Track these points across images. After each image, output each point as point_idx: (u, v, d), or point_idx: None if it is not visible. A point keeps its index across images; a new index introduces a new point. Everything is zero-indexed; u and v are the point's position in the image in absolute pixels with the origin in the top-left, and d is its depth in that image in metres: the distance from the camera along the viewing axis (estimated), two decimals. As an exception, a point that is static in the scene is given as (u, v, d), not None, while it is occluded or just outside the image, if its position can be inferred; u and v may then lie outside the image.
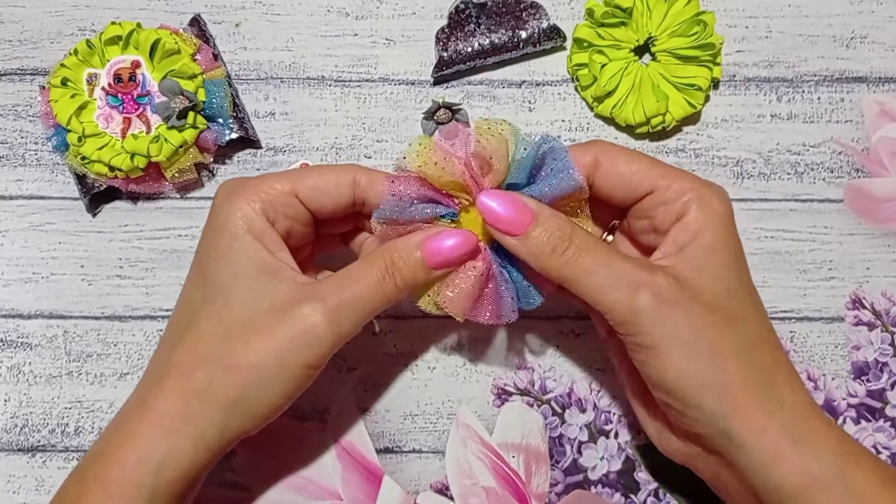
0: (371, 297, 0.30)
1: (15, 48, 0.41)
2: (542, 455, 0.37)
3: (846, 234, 0.39)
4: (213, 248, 0.30)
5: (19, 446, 0.37)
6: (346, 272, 0.31)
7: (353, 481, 0.36)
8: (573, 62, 0.40)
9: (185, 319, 0.31)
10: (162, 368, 0.30)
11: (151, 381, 0.30)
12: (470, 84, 0.41)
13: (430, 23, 0.41)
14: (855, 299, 0.39)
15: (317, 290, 0.30)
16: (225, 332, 0.29)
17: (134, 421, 0.30)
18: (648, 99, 0.38)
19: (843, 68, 0.41)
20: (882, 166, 0.40)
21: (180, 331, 0.30)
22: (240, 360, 0.29)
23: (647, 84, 0.39)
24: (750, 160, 0.40)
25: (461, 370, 0.38)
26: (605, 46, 0.39)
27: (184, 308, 0.31)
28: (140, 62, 0.38)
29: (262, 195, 0.31)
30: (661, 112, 0.38)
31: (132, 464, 0.29)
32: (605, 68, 0.39)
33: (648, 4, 0.39)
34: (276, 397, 0.30)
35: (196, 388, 0.29)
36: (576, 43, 0.40)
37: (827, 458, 0.28)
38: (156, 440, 0.29)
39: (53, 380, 0.38)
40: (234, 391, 0.29)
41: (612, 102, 0.39)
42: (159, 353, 0.31)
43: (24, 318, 0.38)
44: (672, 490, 0.37)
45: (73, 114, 0.37)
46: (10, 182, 0.40)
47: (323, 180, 0.32)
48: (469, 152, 0.30)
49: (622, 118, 0.39)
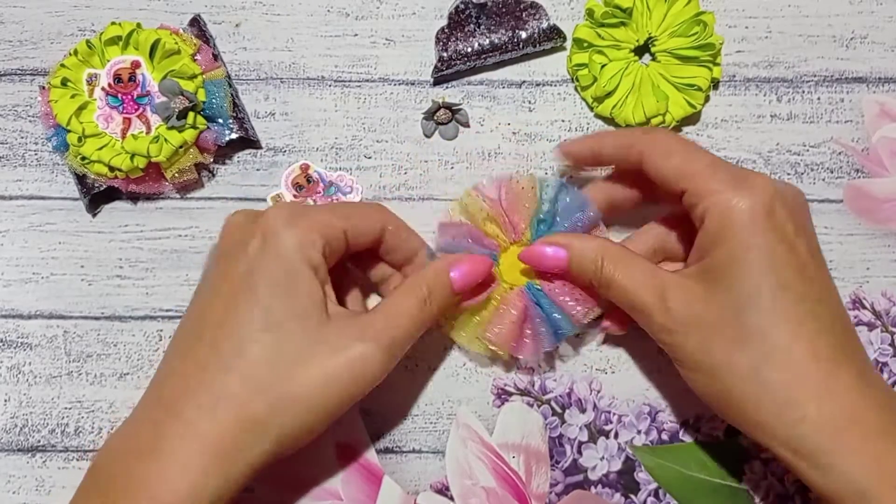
0: (416, 328, 0.32)
1: (15, 48, 0.41)
2: (543, 455, 0.37)
3: (846, 234, 0.39)
4: (271, 276, 0.30)
5: (19, 446, 0.37)
6: (391, 306, 0.32)
7: (354, 481, 0.36)
8: (573, 62, 0.40)
9: (233, 341, 0.30)
10: (209, 393, 0.29)
11: (194, 404, 0.29)
12: (470, 84, 0.41)
13: (430, 23, 0.41)
14: (855, 299, 0.39)
15: (367, 328, 0.31)
16: (283, 363, 0.30)
17: (176, 441, 0.29)
18: (648, 99, 0.38)
19: (843, 68, 0.41)
20: (882, 166, 0.40)
21: (226, 353, 0.30)
22: (299, 392, 0.29)
23: (647, 84, 0.39)
24: (750, 160, 0.40)
25: (461, 370, 0.38)
26: (605, 47, 0.39)
27: (230, 327, 0.30)
28: (140, 62, 0.38)
29: (323, 230, 0.31)
30: (661, 112, 0.38)
31: (184, 492, 0.28)
32: (605, 68, 0.39)
33: (648, 4, 0.39)
34: (321, 427, 0.31)
35: (255, 419, 0.29)
36: (576, 43, 0.40)
37: None
38: (209, 469, 0.28)
39: (53, 380, 0.38)
40: (291, 422, 0.29)
41: (612, 102, 0.39)
42: (186, 366, 0.30)
43: (24, 319, 0.38)
44: (672, 490, 0.37)
45: (73, 114, 0.37)
46: (10, 182, 0.40)
47: (364, 222, 0.33)
48: (504, 201, 0.36)
49: (622, 118, 0.39)
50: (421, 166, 0.40)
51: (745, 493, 0.36)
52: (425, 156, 0.40)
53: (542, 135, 0.40)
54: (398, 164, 0.40)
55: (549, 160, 0.40)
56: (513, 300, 0.35)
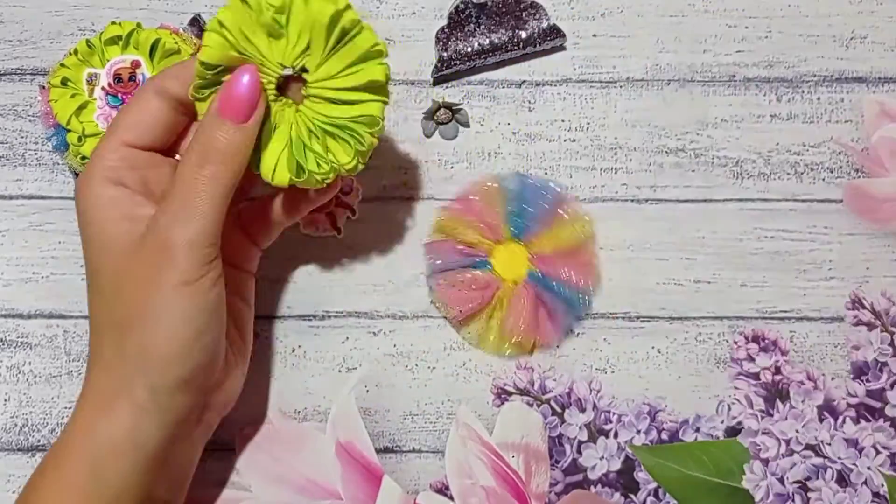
0: (199, 192, 0.29)
1: (15, 48, 0.41)
2: (542, 455, 0.37)
3: (846, 234, 0.39)
4: (83, 236, 0.30)
5: (19, 446, 0.37)
6: (171, 183, 0.29)
7: (353, 481, 0.36)
8: None
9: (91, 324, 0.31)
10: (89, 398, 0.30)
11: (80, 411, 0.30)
12: (470, 84, 0.41)
13: (430, 23, 0.41)
14: (855, 299, 0.39)
15: (156, 214, 0.29)
16: (106, 298, 0.29)
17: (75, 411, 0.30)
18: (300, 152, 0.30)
19: (843, 68, 0.41)
20: (882, 166, 0.40)
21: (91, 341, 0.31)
22: (125, 314, 0.29)
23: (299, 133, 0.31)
24: (750, 160, 0.40)
25: (461, 370, 0.38)
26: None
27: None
28: (140, 62, 0.38)
29: (97, 165, 0.30)
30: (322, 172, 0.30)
31: (80, 441, 0.29)
32: None
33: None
34: (172, 328, 0.29)
35: (106, 361, 0.29)
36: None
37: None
38: (93, 417, 0.29)
39: (53, 379, 0.38)
40: (136, 344, 0.29)
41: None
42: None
43: (23, 318, 0.38)
44: (672, 490, 0.37)
45: (73, 114, 0.37)
46: (9, 182, 0.40)
47: (132, 112, 0.31)
48: (474, 208, 0.37)
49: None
50: (421, 166, 0.40)
51: (744, 492, 0.36)
52: (425, 156, 0.40)
53: (542, 135, 0.40)
54: (398, 164, 0.40)
55: (549, 160, 0.40)
56: (521, 292, 0.37)
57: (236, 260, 0.34)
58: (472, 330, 0.37)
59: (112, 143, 0.30)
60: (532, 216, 0.38)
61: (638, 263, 0.39)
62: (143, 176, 0.31)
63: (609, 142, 0.40)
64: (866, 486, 0.36)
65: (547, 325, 0.37)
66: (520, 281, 0.37)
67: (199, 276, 0.29)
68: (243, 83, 0.29)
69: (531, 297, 0.37)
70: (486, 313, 0.37)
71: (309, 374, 0.38)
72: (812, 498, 0.36)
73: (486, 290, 0.37)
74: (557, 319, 0.37)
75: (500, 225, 0.38)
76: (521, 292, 0.37)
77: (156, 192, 0.31)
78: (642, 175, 0.40)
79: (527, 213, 0.38)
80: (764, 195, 0.39)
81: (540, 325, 0.37)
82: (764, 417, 0.37)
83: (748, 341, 0.38)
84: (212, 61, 0.29)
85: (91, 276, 0.30)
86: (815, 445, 0.37)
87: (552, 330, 0.37)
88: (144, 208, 0.30)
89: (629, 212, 0.39)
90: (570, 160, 0.40)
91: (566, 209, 0.38)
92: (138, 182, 0.31)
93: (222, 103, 0.29)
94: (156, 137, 0.31)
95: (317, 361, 0.38)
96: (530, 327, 0.37)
